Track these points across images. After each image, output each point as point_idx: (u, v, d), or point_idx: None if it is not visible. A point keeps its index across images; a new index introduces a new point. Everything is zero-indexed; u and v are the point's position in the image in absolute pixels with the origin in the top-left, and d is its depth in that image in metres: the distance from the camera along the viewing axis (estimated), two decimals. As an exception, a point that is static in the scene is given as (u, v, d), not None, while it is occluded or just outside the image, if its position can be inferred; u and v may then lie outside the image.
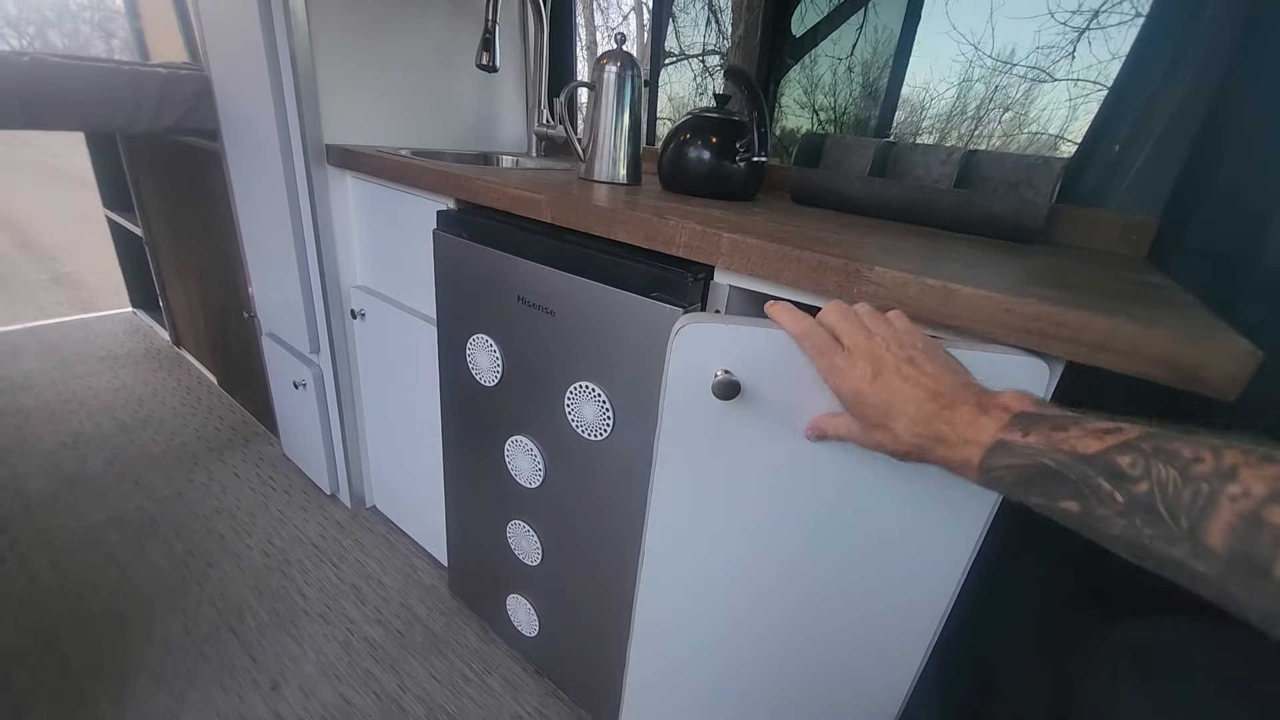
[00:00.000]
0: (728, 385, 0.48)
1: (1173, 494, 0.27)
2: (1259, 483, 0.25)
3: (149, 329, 2.39)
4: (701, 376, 0.51)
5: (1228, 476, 0.26)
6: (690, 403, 0.54)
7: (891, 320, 0.45)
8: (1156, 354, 0.40)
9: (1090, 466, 0.30)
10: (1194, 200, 0.76)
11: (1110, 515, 0.29)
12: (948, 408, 0.38)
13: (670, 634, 0.70)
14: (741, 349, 0.50)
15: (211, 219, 1.54)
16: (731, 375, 0.49)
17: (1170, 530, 0.27)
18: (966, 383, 0.41)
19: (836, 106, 1.74)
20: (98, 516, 1.36)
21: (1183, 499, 0.27)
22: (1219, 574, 0.26)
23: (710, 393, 0.50)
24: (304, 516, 1.42)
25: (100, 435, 1.66)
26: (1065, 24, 1.13)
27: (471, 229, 0.85)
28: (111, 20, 2.89)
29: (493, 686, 1.05)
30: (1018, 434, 0.35)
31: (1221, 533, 0.25)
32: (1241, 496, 0.25)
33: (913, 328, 0.45)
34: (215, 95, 1.25)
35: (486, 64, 1.12)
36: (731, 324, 0.50)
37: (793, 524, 0.58)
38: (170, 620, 1.12)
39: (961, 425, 0.37)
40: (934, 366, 0.41)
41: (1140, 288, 0.58)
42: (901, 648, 0.61)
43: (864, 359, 0.42)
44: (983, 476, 0.37)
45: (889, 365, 0.41)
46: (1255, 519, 0.24)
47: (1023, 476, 0.34)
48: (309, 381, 1.30)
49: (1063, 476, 0.31)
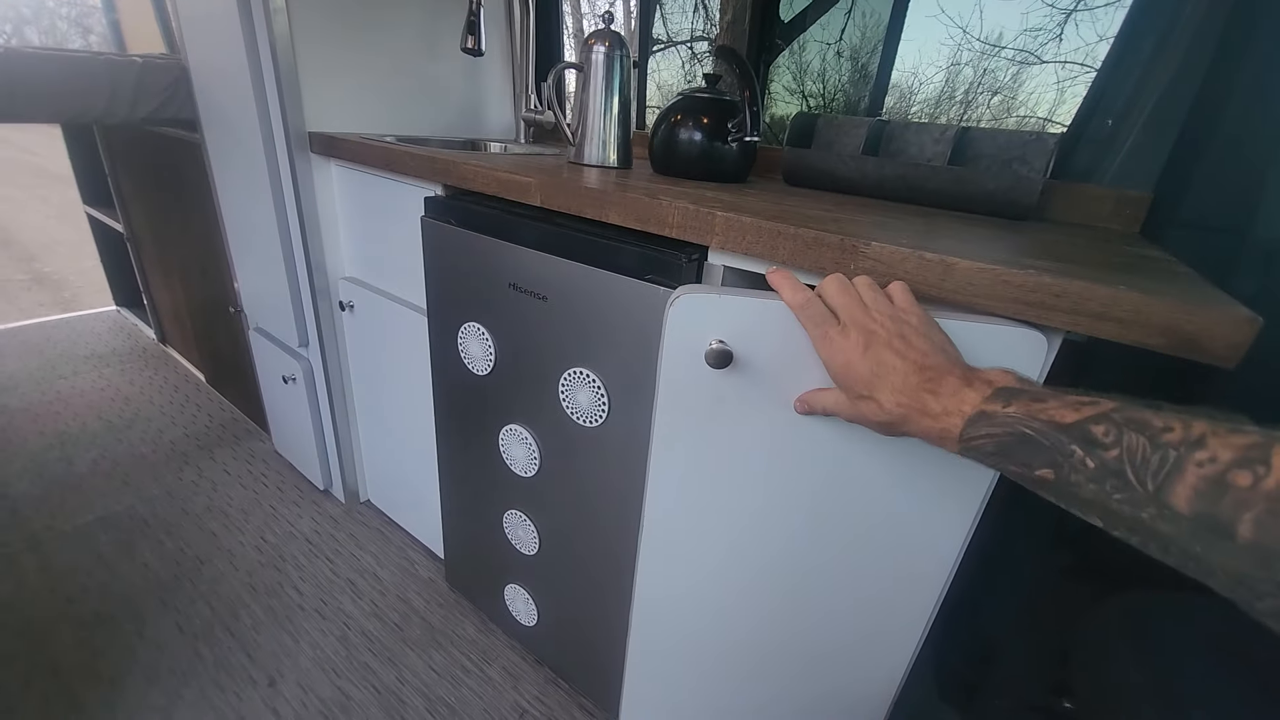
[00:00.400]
0: (721, 354, 0.49)
1: (1141, 460, 0.28)
2: (1225, 450, 0.26)
3: (133, 327, 2.35)
4: (696, 346, 0.51)
5: (1195, 445, 0.27)
6: (685, 373, 0.54)
7: (892, 293, 0.45)
8: (1158, 322, 0.40)
9: (1065, 434, 0.31)
10: (1187, 174, 0.76)
11: (1082, 480, 0.31)
12: (933, 379, 0.39)
13: (671, 611, 0.71)
14: (735, 319, 0.50)
15: (193, 212, 1.51)
16: (725, 345, 0.50)
17: (1137, 494, 0.28)
18: (955, 359, 0.41)
19: (825, 93, 1.73)
20: (86, 517, 1.34)
21: (1150, 464, 0.28)
22: (1183, 535, 0.27)
23: (704, 362, 0.50)
24: (297, 512, 1.40)
25: (86, 436, 1.63)
26: (1053, 5, 1.12)
27: (460, 215, 0.83)
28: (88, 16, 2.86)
29: (492, 677, 1.05)
30: (999, 405, 0.36)
31: (1186, 495, 0.26)
32: (1208, 462, 0.26)
33: (911, 302, 0.45)
34: (193, 84, 1.21)
35: (472, 47, 1.10)
36: (725, 294, 0.50)
37: (789, 497, 0.58)
38: (163, 619, 1.10)
39: (945, 396, 0.38)
40: (925, 343, 0.42)
41: (1137, 260, 0.58)
42: (900, 623, 0.61)
43: (857, 331, 0.43)
44: (963, 446, 0.37)
45: (880, 339, 0.42)
46: (1220, 482, 0.25)
47: (1001, 445, 0.35)
48: (298, 376, 1.28)
49: (1039, 444, 0.33)
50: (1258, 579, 0.25)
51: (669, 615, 0.71)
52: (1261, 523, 0.24)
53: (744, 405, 0.54)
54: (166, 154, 1.52)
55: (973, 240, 0.60)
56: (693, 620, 0.69)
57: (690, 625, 0.70)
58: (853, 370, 0.42)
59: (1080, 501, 0.31)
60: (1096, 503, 0.30)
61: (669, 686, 0.77)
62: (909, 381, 0.40)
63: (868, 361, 0.42)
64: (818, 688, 0.69)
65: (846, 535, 0.58)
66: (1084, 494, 0.31)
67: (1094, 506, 0.30)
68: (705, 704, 0.76)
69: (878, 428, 0.43)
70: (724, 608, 0.67)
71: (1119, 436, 0.29)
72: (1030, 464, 0.33)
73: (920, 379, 0.40)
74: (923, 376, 0.39)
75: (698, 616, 0.69)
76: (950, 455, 0.51)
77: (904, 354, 0.41)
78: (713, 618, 0.68)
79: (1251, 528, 0.24)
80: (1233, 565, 0.25)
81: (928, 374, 0.39)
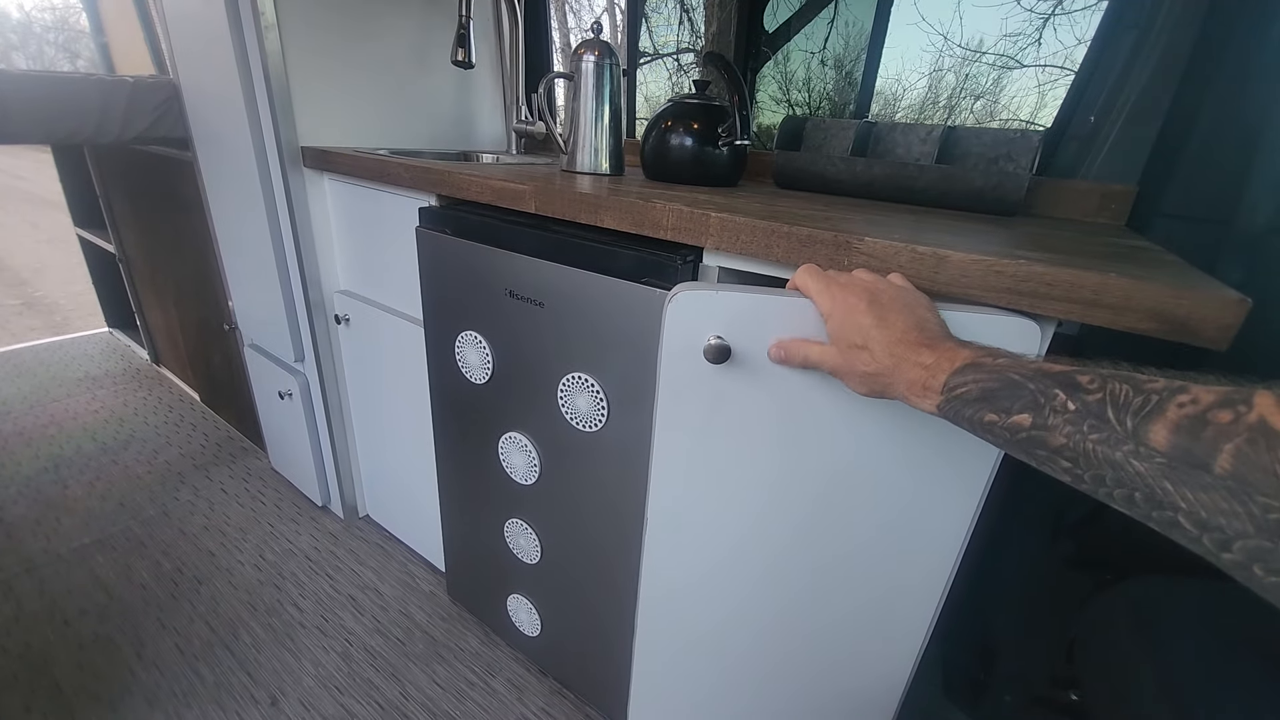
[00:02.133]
0: (719, 350, 0.51)
1: (1123, 402, 0.29)
2: (1208, 394, 0.26)
3: (126, 348, 2.34)
4: (695, 342, 0.52)
5: (1179, 390, 0.28)
6: (685, 369, 0.55)
7: (892, 280, 0.47)
8: (1149, 307, 0.41)
9: (1051, 379, 0.33)
10: (1170, 167, 0.77)
11: (1060, 423, 0.31)
12: (931, 337, 0.41)
13: (676, 610, 0.70)
14: (731, 315, 0.52)
15: (186, 231, 1.51)
16: (723, 340, 0.51)
17: (1115, 433, 0.29)
18: (951, 334, 0.43)
19: (811, 101, 1.75)
20: (82, 540, 1.32)
21: (1132, 405, 0.28)
22: (1156, 472, 0.27)
23: (703, 358, 0.52)
24: (296, 529, 1.39)
25: (81, 458, 1.62)
26: (1031, 10, 1.14)
27: (455, 224, 0.84)
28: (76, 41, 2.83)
29: (497, 689, 1.04)
30: (989, 359, 0.37)
31: (1166, 432, 0.27)
32: (1190, 403, 0.27)
33: (910, 287, 0.47)
34: (185, 102, 1.22)
35: (462, 60, 1.11)
36: (721, 290, 0.51)
37: (793, 492, 0.58)
38: (161, 641, 1.09)
39: (939, 351, 0.40)
40: (925, 311, 0.44)
41: (1125, 250, 0.59)
42: (906, 618, 0.61)
43: (862, 288, 0.45)
44: (945, 396, 0.38)
45: (885, 298, 0.44)
46: (1201, 419, 0.26)
47: (985, 390, 0.36)
48: (295, 391, 1.27)
49: (1024, 387, 0.34)
50: (1229, 518, 0.25)
51: (674, 614, 0.70)
52: (1241, 453, 0.24)
53: (744, 400, 0.55)
54: (158, 173, 1.52)
55: (963, 235, 0.61)
56: (698, 620, 0.69)
57: (696, 625, 0.70)
58: (854, 317, 0.44)
59: (1052, 449, 0.32)
60: (1069, 446, 0.31)
61: (676, 690, 0.76)
62: (908, 335, 0.41)
63: (871, 313, 0.43)
64: (826, 689, 0.69)
65: (849, 530, 0.58)
66: (1057, 438, 0.31)
67: (1064, 451, 0.31)
68: (713, 707, 0.76)
69: (862, 380, 0.44)
70: (729, 607, 0.67)
71: (1103, 383, 0.30)
72: (1009, 409, 0.34)
73: (919, 334, 0.41)
74: (921, 332, 0.41)
75: (703, 615, 0.69)
76: (952, 445, 0.51)
77: (905, 312, 0.43)
78: (718, 617, 0.68)
79: (1230, 458, 0.24)
80: (1205, 502, 0.25)
81: (927, 333, 0.42)
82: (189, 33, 1.11)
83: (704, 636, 0.70)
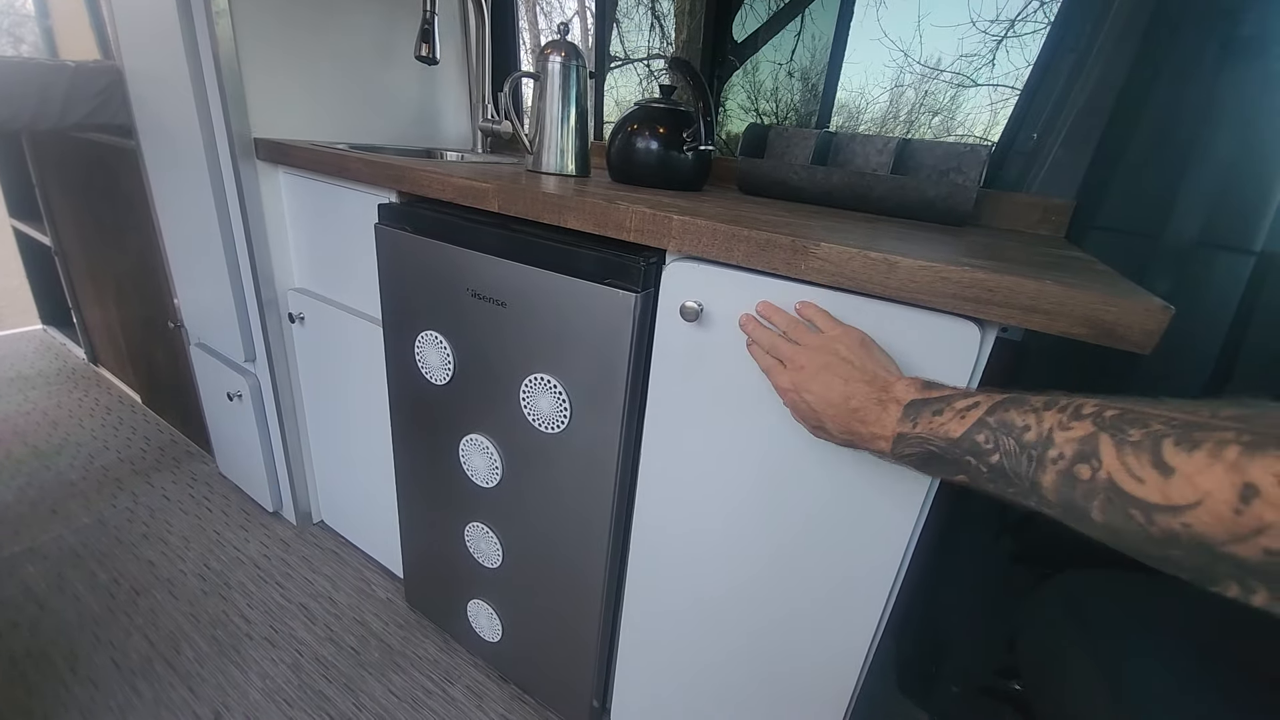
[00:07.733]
0: (689, 310, 0.60)
1: (1014, 462, 0.34)
2: (1068, 445, 0.31)
3: (61, 346, 2.21)
4: (678, 304, 0.61)
5: (1047, 443, 0.32)
6: (671, 329, 0.64)
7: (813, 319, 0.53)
8: (1081, 313, 0.43)
9: (958, 448, 0.38)
10: (1106, 183, 0.82)
11: (984, 481, 0.37)
12: (858, 410, 0.45)
13: (660, 596, 0.75)
14: (715, 286, 0.60)
15: (129, 223, 1.44)
16: (699, 305, 0.60)
17: (1022, 487, 0.34)
18: (874, 376, 0.46)
19: (779, 111, 1.79)
20: (12, 549, 1.24)
21: (1021, 465, 0.34)
22: (1060, 515, 0.32)
23: (681, 318, 0.61)
24: (244, 536, 1.34)
25: (11, 463, 1.52)
26: (985, 33, 1.19)
27: (416, 222, 0.82)
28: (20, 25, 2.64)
29: (455, 697, 1.02)
30: (909, 425, 0.42)
31: (1052, 487, 0.32)
32: (1058, 459, 0.32)
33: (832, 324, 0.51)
34: (129, 88, 1.16)
35: (426, 55, 1.09)
36: (702, 264, 0.61)
37: (750, 466, 0.64)
38: (96, 655, 1.03)
39: (871, 423, 0.45)
40: (847, 370, 0.47)
41: (1062, 260, 0.62)
42: (858, 610, 0.62)
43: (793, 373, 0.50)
44: (897, 460, 0.44)
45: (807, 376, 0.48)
46: (1070, 476, 0.31)
47: (921, 459, 0.41)
48: (245, 392, 1.23)
49: (944, 459, 0.39)
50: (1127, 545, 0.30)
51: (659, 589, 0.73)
52: (1104, 509, 0.29)
53: (715, 355, 0.62)
54: (100, 163, 1.44)
55: (914, 242, 0.63)
56: (686, 594, 0.74)
57: (683, 599, 0.74)
58: (799, 412, 0.50)
59: (991, 495, 0.37)
60: (998, 495, 0.36)
61: (660, 669, 0.81)
62: (841, 415, 0.46)
63: (805, 413, 0.49)
64: (779, 685, 0.70)
65: (800, 523, 0.60)
66: (989, 490, 0.37)
67: (1000, 498, 0.37)
68: (698, 687, 0.78)
69: (844, 446, 0.49)
70: (718, 580, 0.71)
71: (996, 442, 0.35)
72: (947, 472, 0.40)
73: (848, 412, 0.46)
74: (848, 408, 0.46)
75: (693, 589, 0.72)
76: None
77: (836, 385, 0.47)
78: (715, 593, 0.72)
79: (1100, 512, 0.30)
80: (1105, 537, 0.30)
81: (852, 403, 0.46)
82: (136, 17, 1.06)
83: (689, 610, 0.75)
